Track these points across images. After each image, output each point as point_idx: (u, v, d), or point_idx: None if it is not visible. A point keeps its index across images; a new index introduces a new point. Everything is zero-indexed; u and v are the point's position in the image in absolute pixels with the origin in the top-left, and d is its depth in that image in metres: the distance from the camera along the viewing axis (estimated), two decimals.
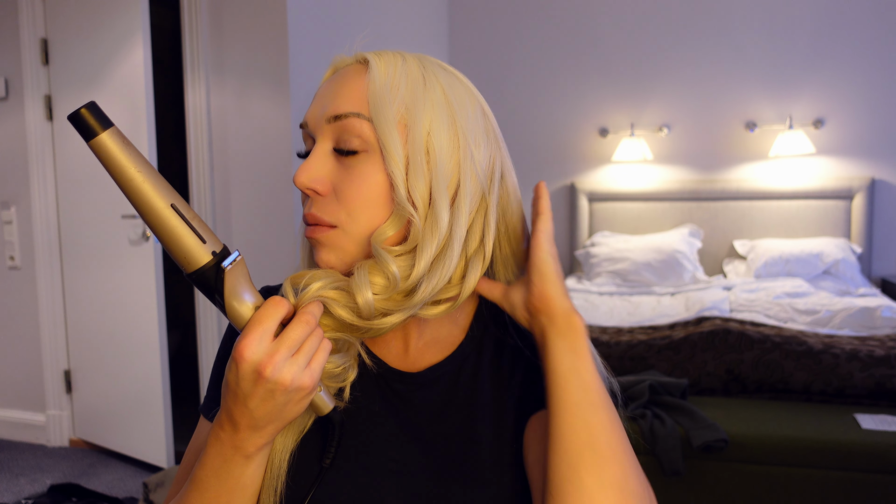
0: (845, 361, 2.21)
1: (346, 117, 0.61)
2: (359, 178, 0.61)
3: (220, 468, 0.57)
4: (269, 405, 0.53)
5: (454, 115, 0.62)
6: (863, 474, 1.89)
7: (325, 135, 0.63)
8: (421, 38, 3.93)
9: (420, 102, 0.61)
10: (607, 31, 4.10)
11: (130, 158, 0.51)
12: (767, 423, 2.03)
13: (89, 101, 0.50)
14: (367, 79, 0.61)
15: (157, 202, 0.52)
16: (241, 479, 0.58)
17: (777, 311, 2.88)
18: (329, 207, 0.62)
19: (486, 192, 0.63)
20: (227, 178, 2.69)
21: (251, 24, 2.60)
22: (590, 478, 0.53)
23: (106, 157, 0.51)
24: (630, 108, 4.11)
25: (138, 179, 0.51)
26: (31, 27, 2.86)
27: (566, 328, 0.58)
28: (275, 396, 0.53)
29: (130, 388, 2.75)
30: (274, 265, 2.63)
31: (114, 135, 0.51)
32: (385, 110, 0.60)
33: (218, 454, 0.57)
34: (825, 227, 3.80)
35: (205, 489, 0.58)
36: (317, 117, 0.63)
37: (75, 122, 0.50)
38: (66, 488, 2.43)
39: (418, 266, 0.59)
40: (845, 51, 3.78)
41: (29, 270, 3.00)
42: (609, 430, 0.55)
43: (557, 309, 0.59)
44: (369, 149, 0.61)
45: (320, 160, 0.62)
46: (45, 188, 2.93)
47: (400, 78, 0.61)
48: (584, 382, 0.57)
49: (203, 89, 2.66)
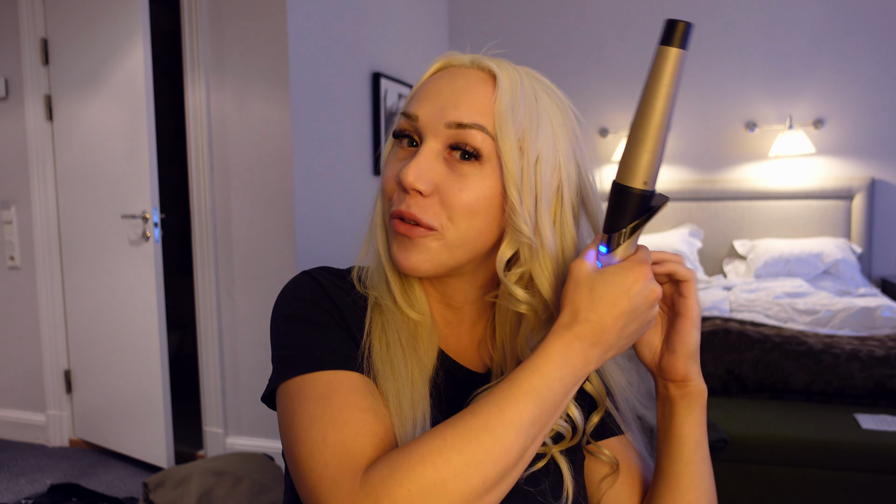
0: (845, 361, 2.21)
1: (471, 128, 0.61)
2: (470, 186, 0.61)
3: (564, 378, 0.55)
4: (633, 327, 0.58)
5: (558, 142, 0.64)
6: (863, 474, 1.89)
7: (440, 137, 0.62)
8: (421, 37, 3.93)
9: (534, 127, 0.62)
10: (607, 31, 4.10)
11: (674, 85, 0.55)
12: (767, 423, 2.03)
13: (690, 22, 0.55)
14: (496, 95, 0.62)
15: (658, 121, 0.56)
16: (570, 397, 0.57)
17: (777, 311, 2.88)
18: (431, 209, 0.62)
19: (577, 213, 0.67)
20: (227, 178, 2.69)
21: (251, 24, 2.60)
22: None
23: (661, 69, 0.55)
24: (630, 108, 4.11)
25: (665, 99, 0.55)
26: (31, 27, 2.86)
27: (699, 404, 0.65)
28: (643, 321, 0.58)
29: (130, 388, 2.75)
30: (274, 265, 2.63)
31: (683, 59, 0.55)
32: (509, 130, 0.61)
33: (566, 363, 0.55)
34: (825, 227, 3.80)
35: (543, 400, 0.54)
36: (433, 116, 0.63)
37: (671, 27, 0.55)
38: (66, 488, 2.43)
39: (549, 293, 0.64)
40: (845, 51, 3.78)
41: (29, 270, 3.00)
42: (714, 491, 0.68)
43: (695, 387, 0.65)
44: (485, 161, 0.62)
45: (429, 161, 0.62)
46: (45, 188, 2.92)
47: (520, 99, 0.63)
48: (706, 454, 0.67)
49: (203, 89, 2.66)
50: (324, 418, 0.56)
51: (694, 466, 0.66)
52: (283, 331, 0.65)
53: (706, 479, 0.67)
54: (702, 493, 0.66)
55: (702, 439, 0.66)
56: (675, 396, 0.65)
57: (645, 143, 0.56)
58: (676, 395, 0.65)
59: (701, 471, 0.66)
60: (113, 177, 2.71)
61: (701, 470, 0.66)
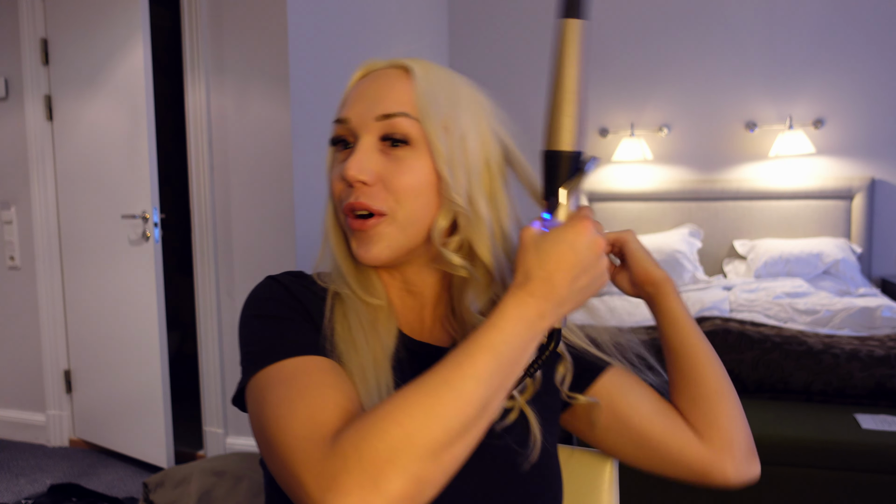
0: (845, 361, 2.21)
1: (396, 116, 0.68)
2: (407, 168, 0.68)
3: (521, 333, 0.57)
4: (584, 280, 0.59)
5: (480, 121, 0.71)
6: (863, 474, 1.89)
7: (372, 131, 0.68)
8: (421, 37, 3.93)
9: (455, 108, 0.69)
10: (607, 31, 4.10)
11: (581, 53, 0.61)
12: (767, 423, 2.02)
13: None
14: (413, 83, 0.69)
15: (573, 87, 0.62)
16: (527, 351, 0.58)
17: (777, 311, 2.88)
18: (378, 196, 0.67)
19: (506, 186, 0.73)
20: (227, 178, 2.69)
21: (251, 24, 2.60)
22: (733, 397, 0.77)
23: (567, 40, 0.61)
24: (630, 108, 4.11)
25: (575, 67, 0.61)
26: (31, 27, 2.86)
27: (670, 286, 0.79)
28: (593, 272, 0.60)
29: (130, 388, 2.75)
30: (274, 265, 2.63)
31: (585, 27, 0.61)
32: (431, 112, 0.68)
33: (522, 317, 0.57)
34: (825, 227, 3.80)
35: (500, 353, 0.55)
36: (362, 115, 0.69)
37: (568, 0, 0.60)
38: (66, 488, 2.43)
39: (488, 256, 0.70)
40: (845, 51, 3.78)
41: (29, 270, 3.00)
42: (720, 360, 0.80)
43: (660, 276, 0.79)
44: (415, 145, 0.68)
45: (367, 153, 0.68)
46: (45, 188, 2.92)
47: (438, 85, 0.70)
48: (697, 326, 0.80)
49: (203, 89, 2.66)
50: (290, 396, 0.59)
51: (695, 336, 0.78)
52: (248, 331, 0.68)
53: (708, 347, 0.79)
54: (714, 358, 0.78)
55: (689, 315, 0.80)
56: (653, 293, 0.80)
57: (564, 108, 0.61)
58: (653, 291, 0.80)
59: (702, 339, 0.78)
60: (113, 177, 2.71)
61: (702, 338, 0.78)
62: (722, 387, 0.77)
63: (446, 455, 0.52)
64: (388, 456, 0.50)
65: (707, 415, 0.76)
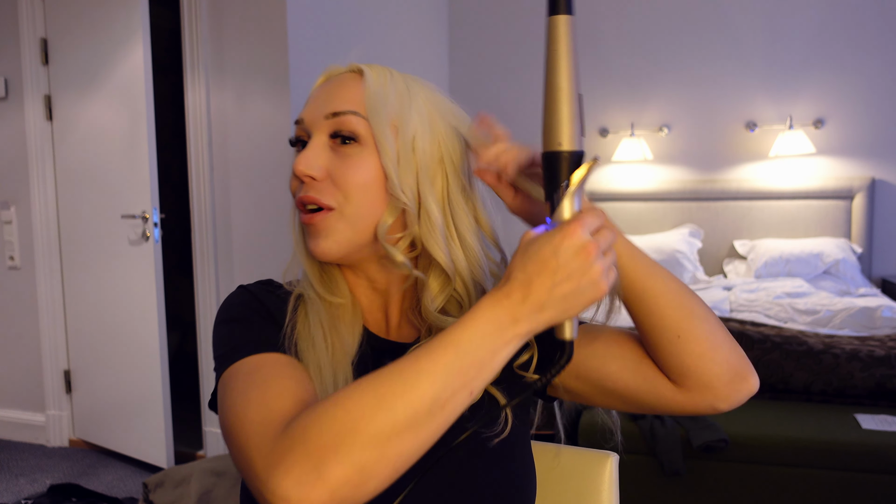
0: (845, 361, 2.21)
1: (345, 114, 0.69)
2: (355, 165, 0.69)
3: (490, 334, 0.55)
4: (568, 286, 0.55)
5: (435, 123, 0.72)
6: (863, 474, 1.89)
7: (322, 129, 0.70)
8: (420, 39, 3.93)
9: (407, 109, 0.70)
10: (607, 31, 4.10)
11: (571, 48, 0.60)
12: (767, 423, 2.02)
13: None
14: (364, 84, 0.71)
15: (567, 85, 0.60)
16: (498, 355, 0.56)
17: (777, 311, 2.88)
18: (327, 191, 0.69)
19: (467, 187, 0.73)
20: (227, 178, 2.69)
21: (251, 24, 2.60)
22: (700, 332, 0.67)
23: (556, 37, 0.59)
24: (630, 108, 4.11)
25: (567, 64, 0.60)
26: (31, 27, 2.86)
27: None
28: (579, 279, 0.55)
29: (130, 388, 2.75)
30: (274, 265, 2.63)
31: (572, 23, 0.59)
32: (379, 111, 0.69)
33: (493, 319, 0.55)
34: (825, 227, 3.80)
35: (464, 352, 0.54)
36: (315, 115, 0.71)
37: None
38: (66, 488, 2.43)
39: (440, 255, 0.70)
40: (845, 51, 3.78)
41: (29, 270, 3.00)
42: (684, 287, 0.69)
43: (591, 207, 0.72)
44: (364, 143, 0.69)
45: (317, 150, 0.70)
46: (45, 188, 2.92)
47: (390, 87, 0.71)
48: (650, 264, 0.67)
49: (203, 89, 2.66)
50: (248, 388, 0.61)
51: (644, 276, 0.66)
52: (216, 337, 0.71)
53: (663, 285, 0.67)
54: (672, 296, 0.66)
55: (637, 252, 0.67)
56: None
57: (560, 107, 0.60)
58: None
59: (654, 277, 0.67)
60: (113, 177, 2.70)
61: (654, 276, 0.67)
62: (684, 326, 0.66)
63: (391, 447, 0.51)
64: (332, 441, 0.51)
65: (672, 361, 0.68)
